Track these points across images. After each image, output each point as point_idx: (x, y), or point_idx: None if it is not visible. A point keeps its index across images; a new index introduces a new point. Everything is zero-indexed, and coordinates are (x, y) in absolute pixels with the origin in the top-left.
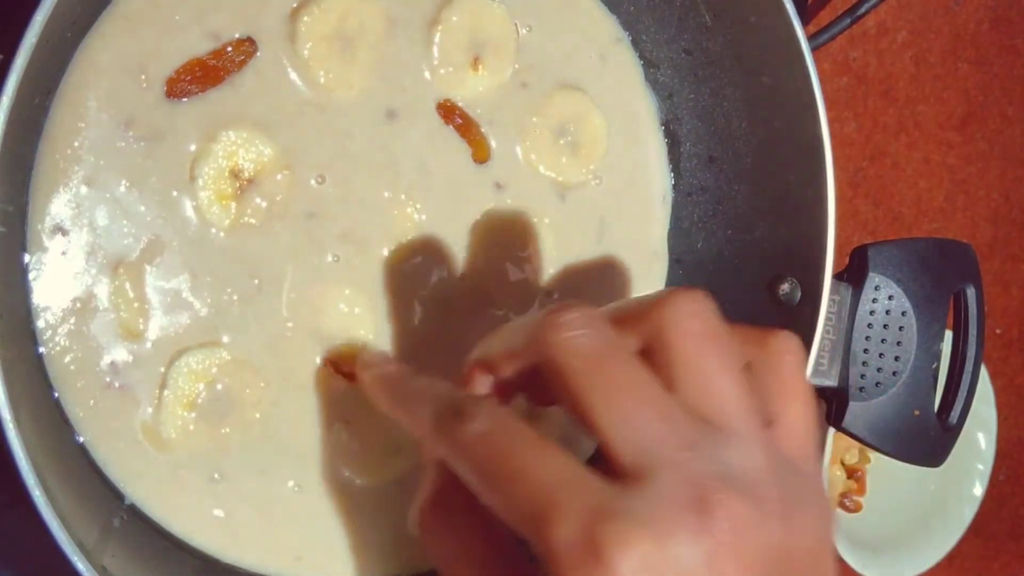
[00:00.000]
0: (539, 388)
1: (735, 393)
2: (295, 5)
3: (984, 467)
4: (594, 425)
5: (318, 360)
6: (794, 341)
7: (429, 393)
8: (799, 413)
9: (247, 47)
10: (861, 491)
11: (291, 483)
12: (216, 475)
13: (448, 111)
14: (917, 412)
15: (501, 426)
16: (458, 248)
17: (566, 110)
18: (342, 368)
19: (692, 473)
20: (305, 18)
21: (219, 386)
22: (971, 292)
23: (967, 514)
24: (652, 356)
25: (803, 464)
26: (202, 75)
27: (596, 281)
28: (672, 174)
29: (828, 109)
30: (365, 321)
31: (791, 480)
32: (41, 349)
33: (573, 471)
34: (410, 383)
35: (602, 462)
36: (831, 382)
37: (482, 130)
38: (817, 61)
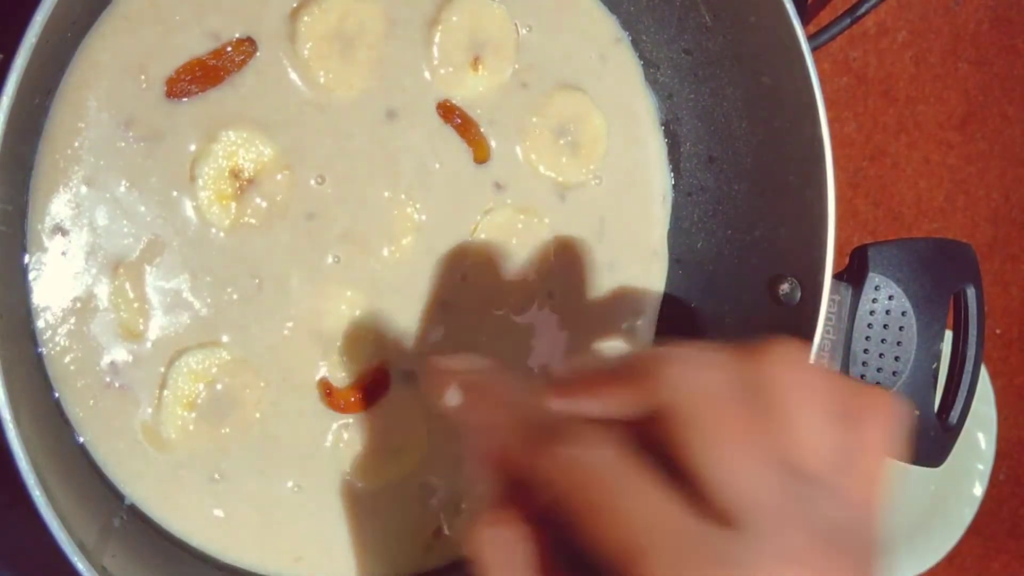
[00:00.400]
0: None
1: (832, 446)
2: (295, 5)
3: (984, 467)
4: (697, 467)
5: (319, 364)
6: (898, 405)
7: (521, 404)
8: (879, 467)
9: (247, 47)
10: None
11: (291, 483)
12: (216, 475)
13: (448, 111)
14: (917, 412)
15: (605, 454)
16: (458, 248)
17: (566, 110)
18: (336, 397)
19: (791, 524)
20: (305, 18)
21: (219, 386)
22: (971, 292)
23: (967, 514)
24: (754, 403)
25: (870, 514)
26: (202, 75)
27: (596, 281)
28: (672, 174)
29: (828, 109)
30: (365, 321)
31: (865, 532)
32: (41, 349)
33: (673, 512)
34: (497, 389)
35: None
36: None
37: (482, 130)
38: (817, 61)
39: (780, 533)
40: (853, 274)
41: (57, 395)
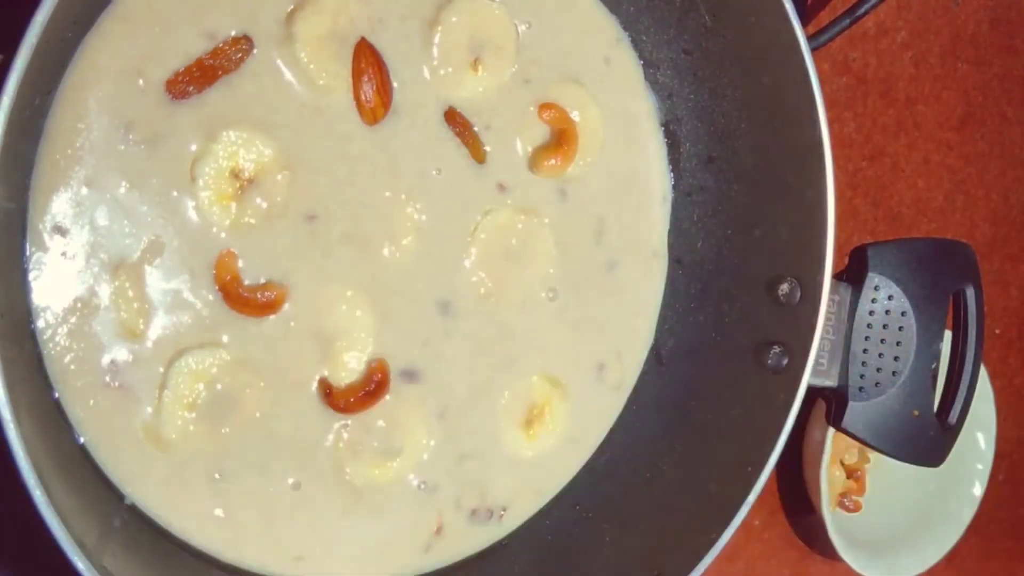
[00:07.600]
0: None
1: None
2: (291, 7)
3: (983, 467)
4: None
5: (319, 364)
6: None
7: None
8: None
9: (244, 44)
10: (861, 491)
11: (291, 482)
12: (216, 475)
13: (447, 113)
14: (916, 412)
15: None
16: (459, 248)
17: (564, 104)
18: (336, 397)
19: None
20: (302, 19)
21: (219, 386)
22: (970, 292)
23: (967, 514)
24: None
25: None
26: (200, 75)
27: (596, 281)
28: (672, 174)
29: (828, 109)
30: (365, 321)
31: None
32: (41, 349)
33: None
34: None
35: None
36: (831, 382)
37: (479, 132)
38: (817, 61)
39: None
40: (853, 274)
41: (57, 395)
